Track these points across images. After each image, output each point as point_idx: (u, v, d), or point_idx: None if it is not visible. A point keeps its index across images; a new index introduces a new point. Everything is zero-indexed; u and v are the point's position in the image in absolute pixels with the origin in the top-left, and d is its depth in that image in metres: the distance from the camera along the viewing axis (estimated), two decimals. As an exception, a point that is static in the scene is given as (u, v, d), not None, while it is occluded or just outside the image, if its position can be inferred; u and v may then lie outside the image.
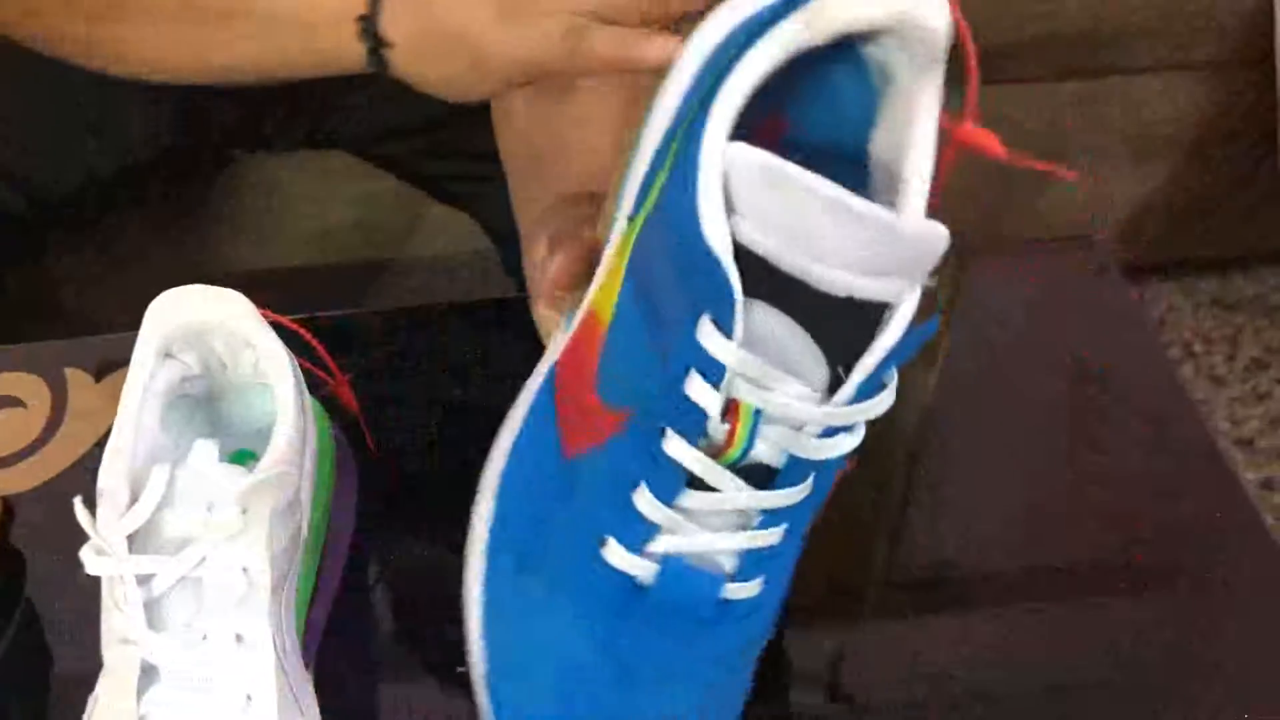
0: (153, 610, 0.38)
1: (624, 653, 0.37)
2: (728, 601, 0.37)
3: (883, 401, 0.34)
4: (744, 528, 0.35)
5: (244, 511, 0.39)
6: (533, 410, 0.40)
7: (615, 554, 0.36)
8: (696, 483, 0.35)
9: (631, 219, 0.37)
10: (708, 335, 0.32)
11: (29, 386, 0.57)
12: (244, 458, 0.46)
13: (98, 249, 1.03)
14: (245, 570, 0.38)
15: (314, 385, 0.48)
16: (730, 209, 0.31)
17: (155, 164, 0.84)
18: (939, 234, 0.31)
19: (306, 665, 0.43)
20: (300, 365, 0.46)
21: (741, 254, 0.31)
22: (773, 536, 0.35)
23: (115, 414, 0.55)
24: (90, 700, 0.39)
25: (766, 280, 0.32)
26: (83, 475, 0.54)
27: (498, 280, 0.83)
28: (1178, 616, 0.51)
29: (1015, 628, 0.50)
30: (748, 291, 0.32)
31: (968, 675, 0.48)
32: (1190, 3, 1.10)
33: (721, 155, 0.31)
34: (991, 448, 0.57)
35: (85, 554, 0.38)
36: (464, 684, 0.47)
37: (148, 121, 0.80)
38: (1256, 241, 1.32)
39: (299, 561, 0.42)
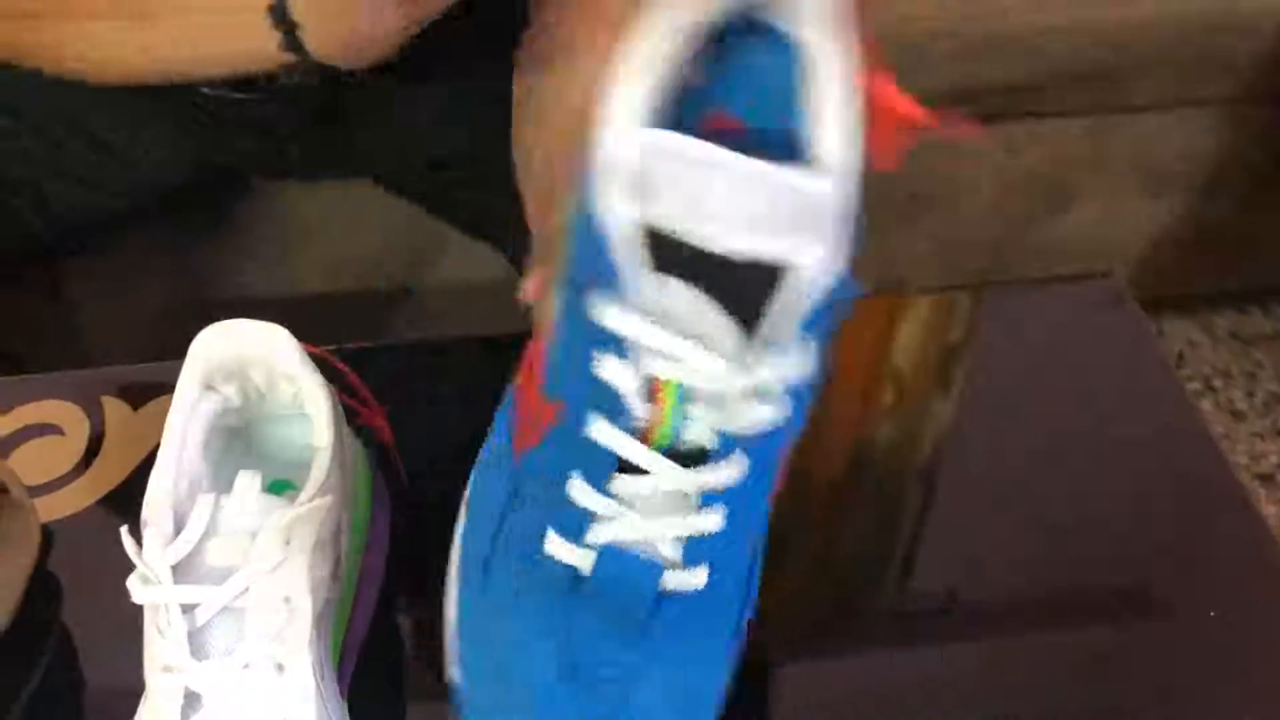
0: (195, 639, 0.39)
1: (575, 649, 0.36)
2: (669, 593, 0.36)
3: (797, 365, 0.33)
4: (683, 513, 0.35)
5: (286, 542, 0.39)
6: (495, 425, 0.41)
7: (555, 545, 0.36)
8: (628, 468, 0.34)
9: (570, 212, 0.38)
10: (605, 310, 0.32)
11: (66, 414, 0.58)
12: (281, 487, 0.47)
13: (115, 275, 1.04)
14: (287, 600, 0.39)
15: (349, 415, 0.49)
16: (640, 194, 0.31)
17: (176, 191, 0.85)
18: (821, 183, 0.31)
19: (341, 692, 0.44)
20: (336, 396, 0.47)
21: (657, 237, 0.31)
22: (712, 520, 0.35)
23: (152, 442, 0.56)
24: (132, 725, 0.40)
25: (683, 261, 0.31)
26: (120, 503, 0.55)
27: (516, 310, 0.83)
28: (1196, 650, 0.51)
29: (1028, 658, 0.51)
30: (663, 270, 0.32)
31: (982, 703, 0.48)
32: (1202, 40, 1.11)
33: (615, 141, 0.31)
34: (1007, 479, 0.57)
35: (131, 582, 0.39)
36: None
37: (170, 149, 0.81)
38: (1274, 276, 1.33)
39: (337, 589, 0.43)
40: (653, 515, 0.35)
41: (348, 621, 0.46)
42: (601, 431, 0.34)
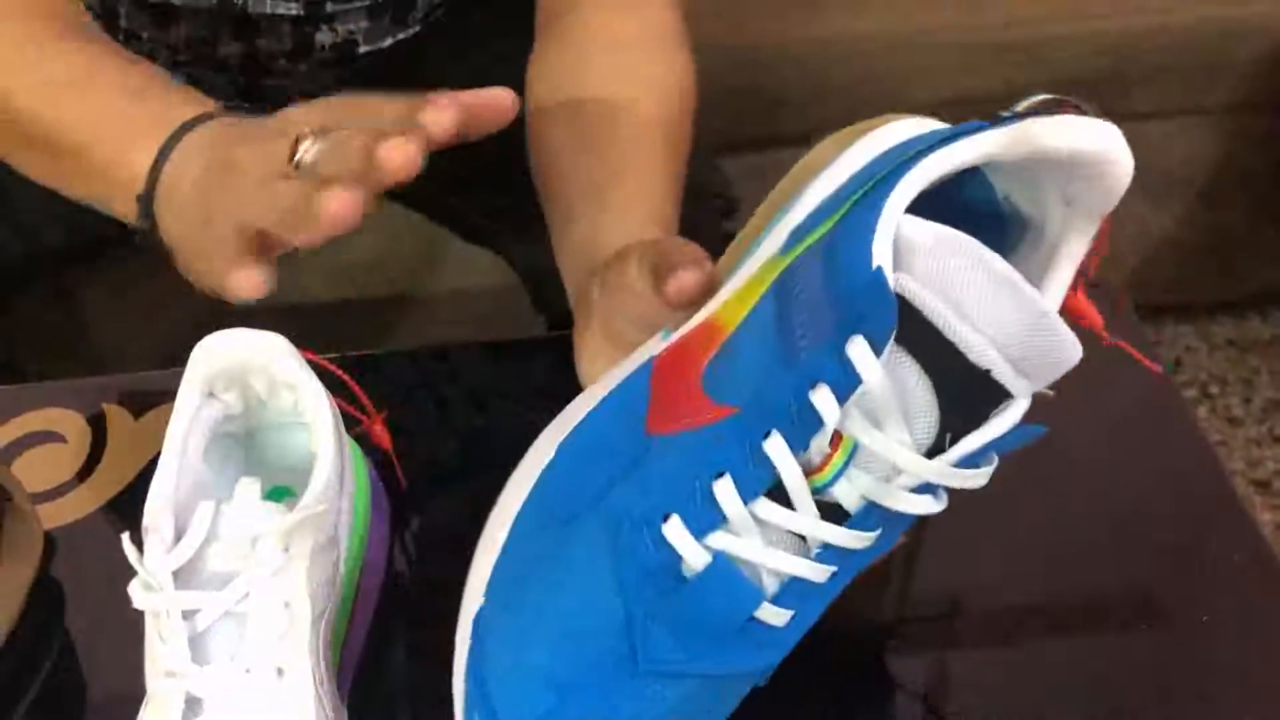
0: (196, 644, 0.39)
1: (638, 631, 0.37)
2: (755, 621, 0.37)
3: (977, 478, 0.36)
4: (800, 555, 0.36)
5: (286, 548, 0.40)
6: (622, 388, 0.41)
7: (675, 532, 0.36)
8: (775, 495, 0.36)
9: (782, 254, 0.40)
10: (858, 351, 0.34)
11: (68, 422, 0.59)
12: (280, 494, 0.48)
13: (121, 284, 1.04)
14: (287, 605, 0.39)
15: (348, 423, 0.50)
16: (896, 266, 0.34)
17: None
18: (1078, 351, 0.35)
19: (341, 698, 0.44)
20: (335, 403, 0.47)
21: (914, 313, 0.34)
22: (822, 573, 0.36)
23: (153, 449, 0.56)
24: (133, 730, 0.41)
25: (910, 337, 0.34)
26: (122, 510, 0.55)
27: (516, 316, 0.84)
28: (1193, 654, 0.51)
29: (1026, 667, 0.51)
30: (902, 344, 0.35)
31: (980, 708, 0.48)
32: (1204, 48, 1.12)
33: (898, 218, 0.35)
34: (1003, 486, 0.57)
35: (133, 589, 0.39)
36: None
37: None
38: (1272, 283, 1.33)
39: (336, 595, 0.43)
40: (774, 546, 0.36)
41: (347, 627, 0.46)
42: (778, 450, 0.35)
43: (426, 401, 0.60)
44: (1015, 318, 0.34)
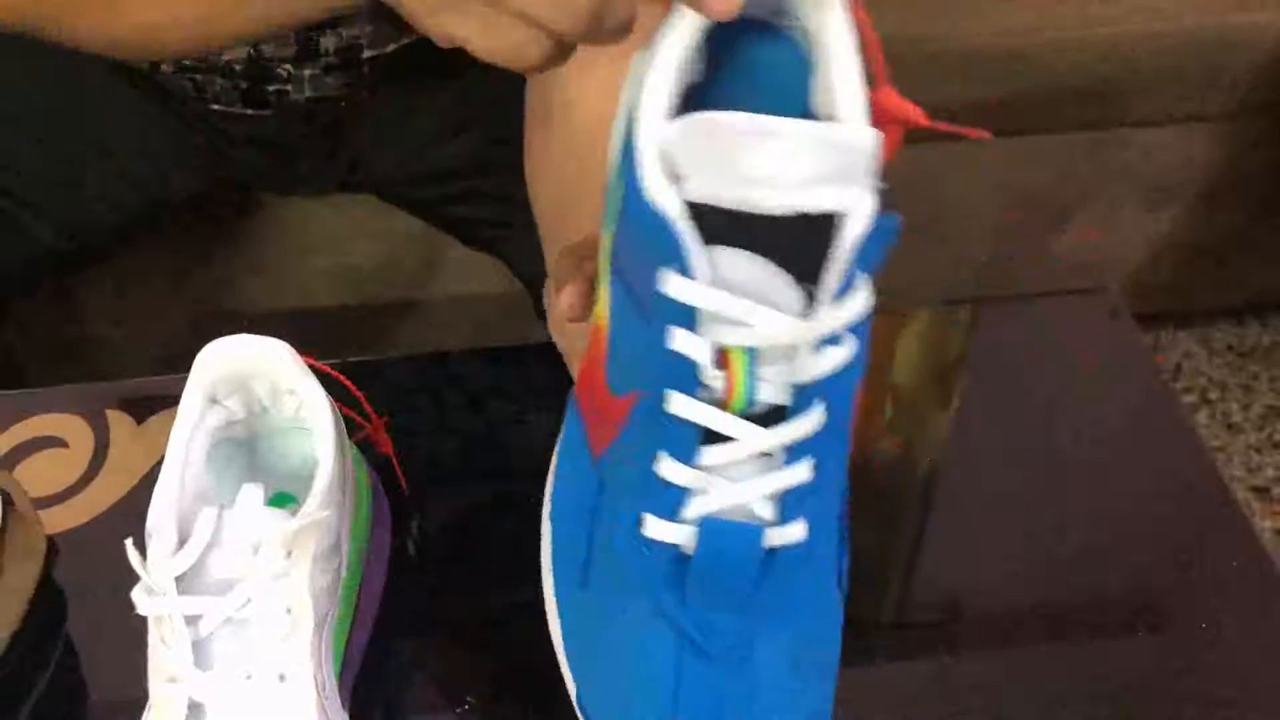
0: (199, 649, 0.39)
1: (690, 629, 0.37)
2: (774, 551, 0.37)
3: (860, 302, 0.35)
4: (772, 471, 0.36)
5: (288, 554, 0.40)
6: (565, 431, 0.42)
7: (653, 527, 0.36)
8: (712, 438, 0.36)
9: (606, 229, 0.39)
10: (671, 283, 0.33)
11: (71, 427, 0.59)
12: (283, 500, 0.48)
13: (122, 288, 1.05)
14: (289, 610, 0.40)
15: (350, 429, 0.50)
16: (676, 178, 0.33)
17: (185, 206, 0.86)
18: (864, 135, 0.33)
19: (343, 703, 0.44)
20: (338, 409, 0.47)
21: (701, 212, 0.33)
22: (801, 473, 0.36)
23: (156, 455, 0.57)
24: (136, 734, 0.41)
25: (728, 230, 0.33)
26: (125, 515, 0.55)
27: (518, 321, 0.84)
28: (1193, 661, 0.51)
29: (1027, 672, 0.51)
30: (712, 242, 0.33)
31: (979, 714, 0.49)
32: (1202, 57, 1.12)
33: (655, 133, 0.34)
34: (1004, 492, 0.58)
35: (136, 594, 0.40)
36: (498, 718, 0.48)
37: (182, 165, 0.82)
38: (1271, 289, 1.33)
39: (338, 600, 0.44)
40: (743, 479, 0.36)
41: (349, 633, 0.46)
42: (681, 405, 0.35)
43: (427, 407, 0.60)
44: (784, 154, 0.32)
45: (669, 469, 0.36)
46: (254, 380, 0.46)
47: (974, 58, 1.09)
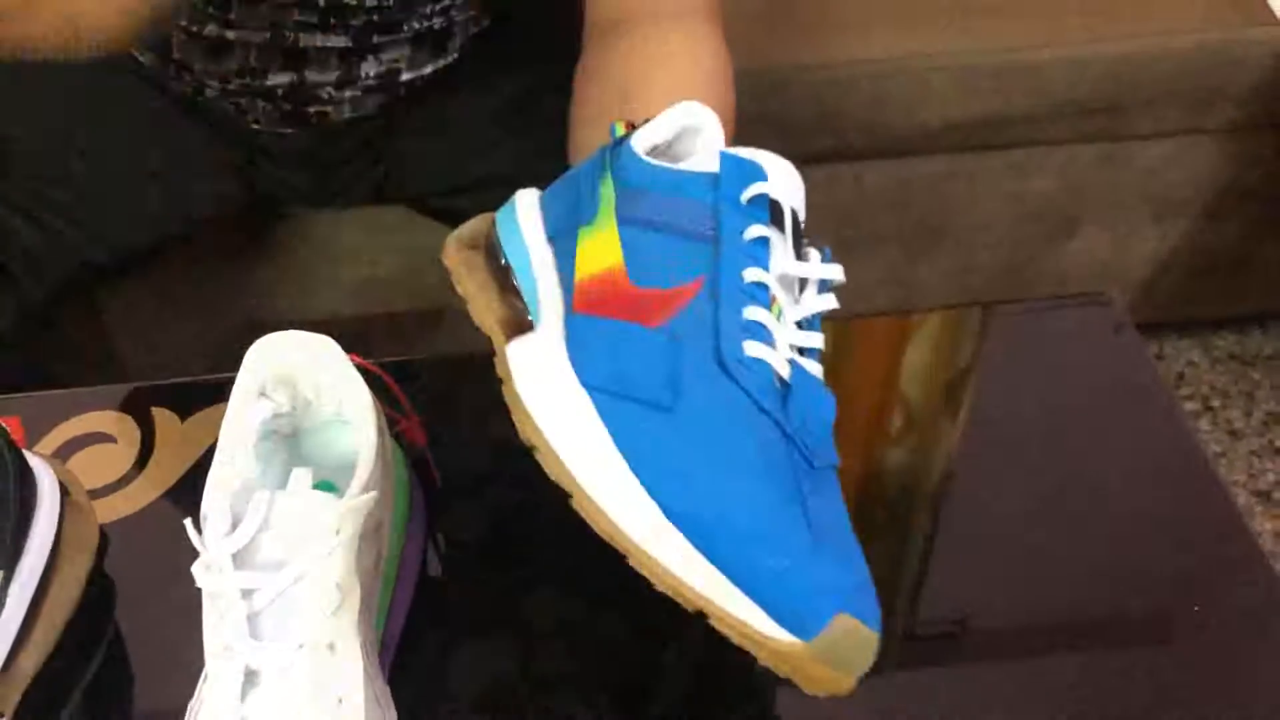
0: (254, 622, 0.42)
1: (795, 438, 0.43)
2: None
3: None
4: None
5: (336, 533, 0.43)
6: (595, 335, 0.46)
7: (755, 349, 0.44)
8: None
9: (587, 225, 0.48)
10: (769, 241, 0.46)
11: (118, 424, 0.62)
12: (325, 489, 0.51)
13: (148, 302, 1.07)
14: (338, 586, 0.42)
15: (388, 423, 0.53)
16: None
17: (217, 221, 0.89)
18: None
19: (383, 675, 0.47)
20: (378, 402, 0.50)
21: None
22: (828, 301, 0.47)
23: (199, 450, 0.60)
24: (193, 704, 0.43)
25: None
26: (171, 506, 0.58)
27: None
28: (1194, 663, 0.53)
29: (1027, 676, 0.52)
30: None
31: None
32: (1203, 72, 1.14)
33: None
34: (1007, 498, 0.59)
35: (196, 569, 0.42)
36: (525, 696, 0.50)
37: (222, 182, 0.85)
38: (1273, 299, 1.35)
39: (379, 580, 0.46)
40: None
41: (388, 611, 0.49)
42: (756, 275, 0.45)
43: (458, 405, 0.63)
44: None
45: (756, 314, 0.44)
46: (299, 375, 0.49)
47: (977, 74, 1.11)
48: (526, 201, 0.52)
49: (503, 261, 0.51)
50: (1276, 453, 1.28)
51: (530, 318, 0.48)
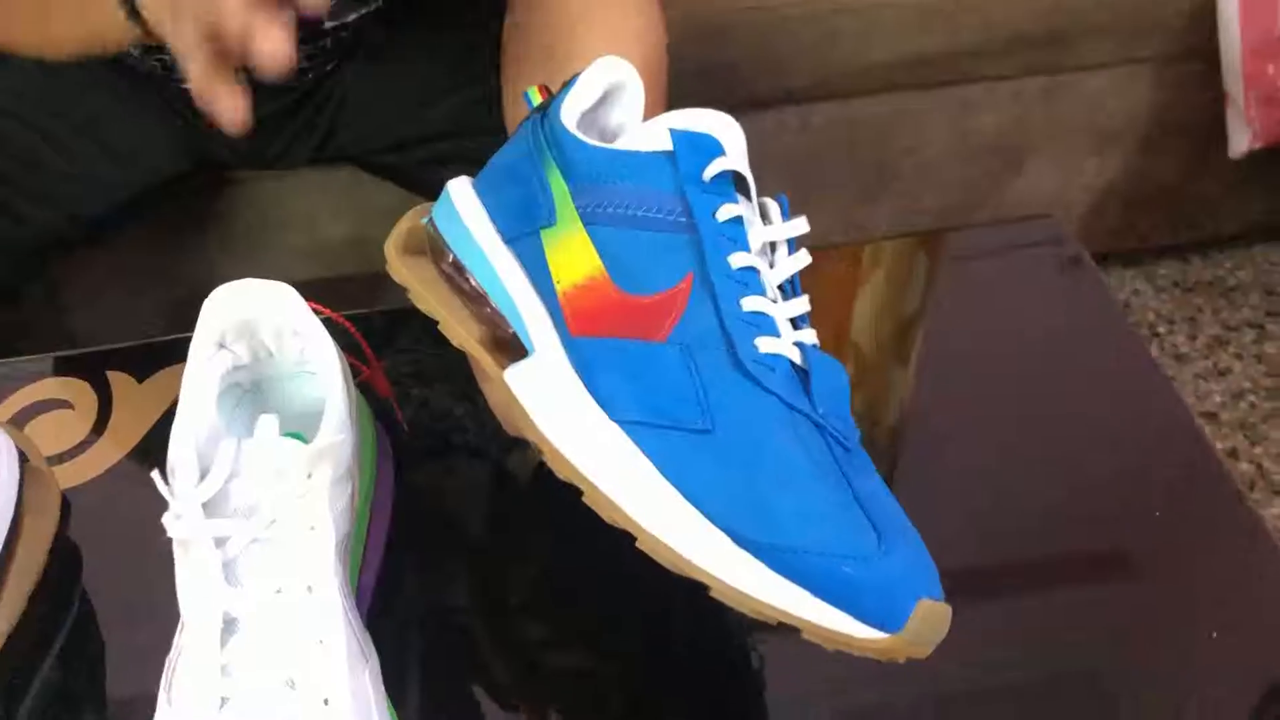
0: (229, 569, 0.42)
1: (825, 425, 0.43)
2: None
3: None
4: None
5: (309, 475, 0.42)
6: (588, 363, 0.44)
7: (768, 343, 0.43)
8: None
9: (548, 226, 0.46)
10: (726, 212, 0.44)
11: (74, 389, 0.61)
12: (292, 438, 0.50)
13: (97, 272, 1.05)
14: (313, 528, 0.42)
15: (351, 372, 0.52)
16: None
17: (167, 186, 0.87)
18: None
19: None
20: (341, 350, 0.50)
21: None
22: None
23: (157, 412, 0.59)
24: (171, 656, 0.43)
25: None
26: (134, 467, 0.58)
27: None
28: (1158, 589, 0.54)
29: (997, 618, 0.53)
30: None
31: (955, 673, 0.49)
32: (1139, 4, 1.16)
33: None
34: (971, 429, 0.60)
35: (166, 519, 0.42)
36: (502, 636, 0.50)
37: (162, 142, 0.84)
38: (1212, 227, 1.38)
39: (352, 524, 0.46)
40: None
41: (362, 557, 0.49)
42: (742, 259, 0.44)
43: (418, 354, 0.63)
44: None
45: (757, 304, 0.43)
46: (259, 325, 0.48)
47: (929, 12, 1.12)
48: (461, 192, 0.49)
49: (451, 259, 0.48)
50: (1221, 375, 1.31)
51: (513, 332, 0.46)
